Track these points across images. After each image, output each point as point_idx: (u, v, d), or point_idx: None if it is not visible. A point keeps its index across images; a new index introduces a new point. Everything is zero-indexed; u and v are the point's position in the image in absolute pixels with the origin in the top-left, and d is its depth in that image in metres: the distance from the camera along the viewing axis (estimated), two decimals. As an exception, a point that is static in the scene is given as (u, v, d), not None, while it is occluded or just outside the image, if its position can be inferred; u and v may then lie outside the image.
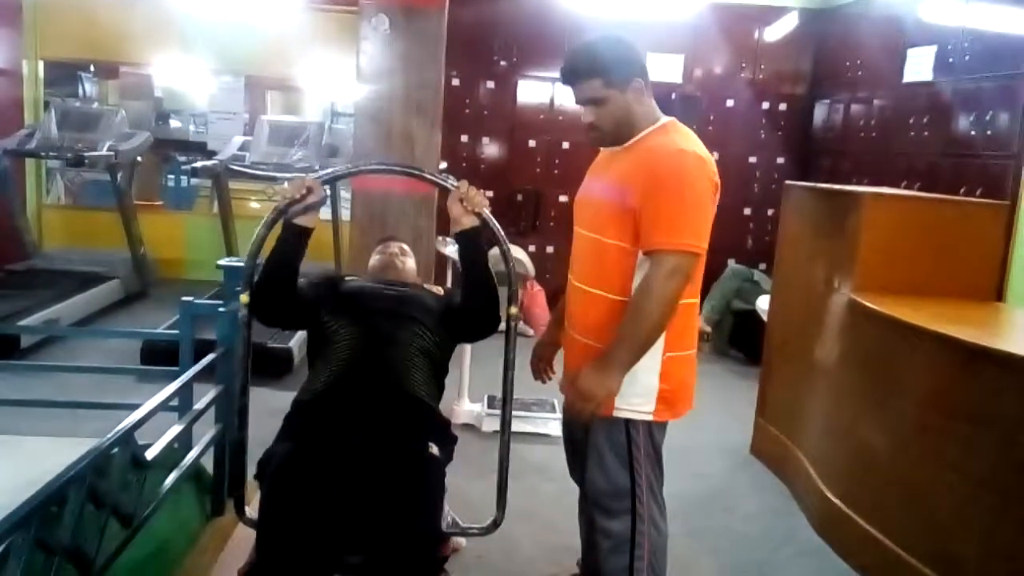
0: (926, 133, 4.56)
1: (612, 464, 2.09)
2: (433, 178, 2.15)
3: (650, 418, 2.06)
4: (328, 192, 2.18)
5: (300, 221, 2.08)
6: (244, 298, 2.09)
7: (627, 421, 2.06)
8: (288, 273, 2.12)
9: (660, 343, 2.00)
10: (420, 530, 1.87)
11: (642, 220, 1.94)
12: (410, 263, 2.58)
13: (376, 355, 2.13)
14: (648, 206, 1.92)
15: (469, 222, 2.09)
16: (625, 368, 1.94)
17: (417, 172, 2.18)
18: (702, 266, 2.05)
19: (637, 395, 2.03)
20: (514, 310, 2.13)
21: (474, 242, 2.12)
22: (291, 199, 2.03)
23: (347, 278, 2.49)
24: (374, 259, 2.60)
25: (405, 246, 2.63)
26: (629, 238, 1.97)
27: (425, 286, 2.56)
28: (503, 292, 2.15)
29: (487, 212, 2.08)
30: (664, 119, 2.07)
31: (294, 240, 2.09)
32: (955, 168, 4.23)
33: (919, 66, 4.65)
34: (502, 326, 2.18)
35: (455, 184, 2.09)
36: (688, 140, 2.00)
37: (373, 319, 2.19)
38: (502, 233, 2.09)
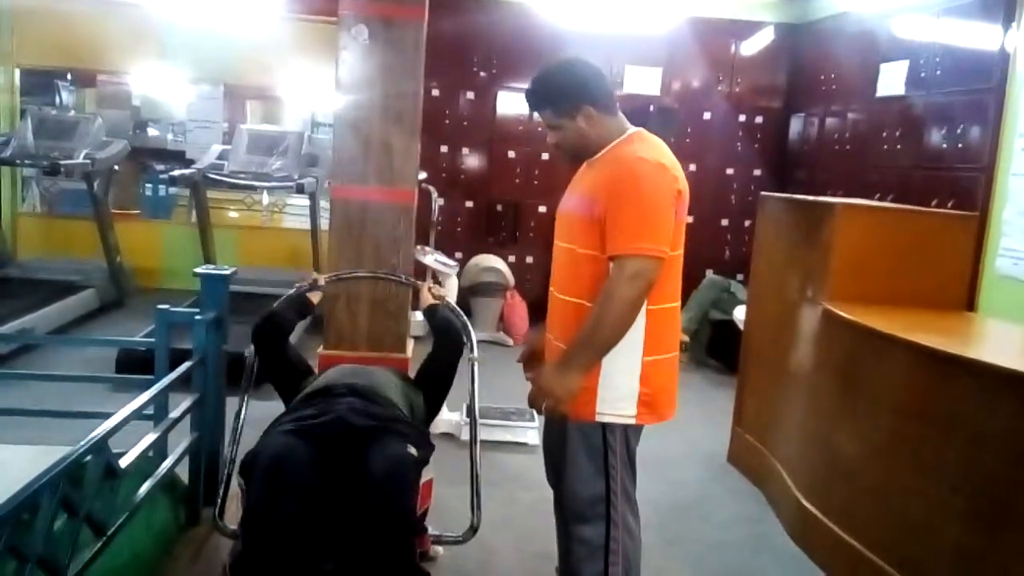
0: (899, 146, 4.64)
1: (587, 470, 2.10)
2: (402, 280, 3.29)
3: (632, 421, 2.08)
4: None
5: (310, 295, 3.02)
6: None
7: (604, 426, 2.07)
8: (284, 319, 2.82)
9: (639, 347, 2.03)
10: (394, 514, 2.06)
11: (605, 227, 1.98)
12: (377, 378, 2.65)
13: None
14: (610, 214, 1.97)
15: (434, 301, 3.02)
16: (584, 368, 1.98)
17: (395, 278, 3.28)
18: (678, 270, 2.08)
19: (618, 399, 2.05)
20: (473, 355, 2.93)
21: (439, 312, 2.96)
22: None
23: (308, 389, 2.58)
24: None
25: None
26: (599, 246, 2.01)
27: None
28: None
29: (448, 299, 3.11)
30: (631, 130, 2.11)
31: (299, 303, 2.98)
32: (927, 180, 4.31)
33: (892, 80, 4.74)
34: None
35: (420, 283, 3.21)
36: (651, 149, 2.03)
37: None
38: (459, 309, 3.10)
